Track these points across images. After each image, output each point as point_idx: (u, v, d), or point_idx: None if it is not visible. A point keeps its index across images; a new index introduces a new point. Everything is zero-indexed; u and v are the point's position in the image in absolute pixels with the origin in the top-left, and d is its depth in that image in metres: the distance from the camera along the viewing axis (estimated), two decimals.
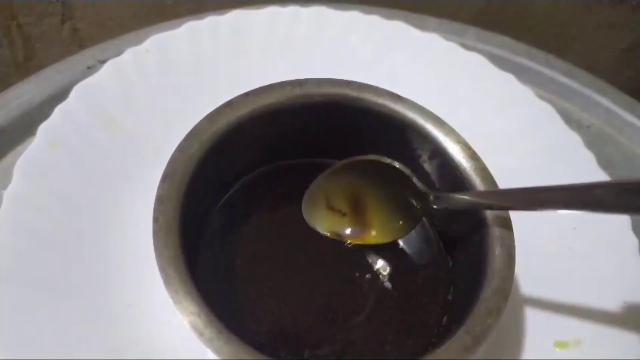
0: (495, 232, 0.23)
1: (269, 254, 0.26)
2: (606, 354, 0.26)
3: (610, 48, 0.61)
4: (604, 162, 0.33)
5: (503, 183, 0.25)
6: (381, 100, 0.27)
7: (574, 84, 0.40)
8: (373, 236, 0.27)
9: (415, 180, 0.26)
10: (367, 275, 0.27)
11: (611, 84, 0.42)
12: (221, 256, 0.26)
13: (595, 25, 0.59)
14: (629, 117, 0.39)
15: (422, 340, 0.25)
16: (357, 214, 0.28)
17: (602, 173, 0.32)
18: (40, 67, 0.37)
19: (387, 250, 0.28)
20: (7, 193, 0.27)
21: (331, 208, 0.28)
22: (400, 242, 0.28)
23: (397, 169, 0.26)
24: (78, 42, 0.52)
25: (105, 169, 0.29)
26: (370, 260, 0.27)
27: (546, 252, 0.29)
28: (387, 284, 0.26)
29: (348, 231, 0.28)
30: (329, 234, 0.27)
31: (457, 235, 0.27)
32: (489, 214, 0.24)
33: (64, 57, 0.37)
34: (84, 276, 0.26)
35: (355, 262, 0.27)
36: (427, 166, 0.27)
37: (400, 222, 0.27)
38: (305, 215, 0.27)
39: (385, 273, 0.27)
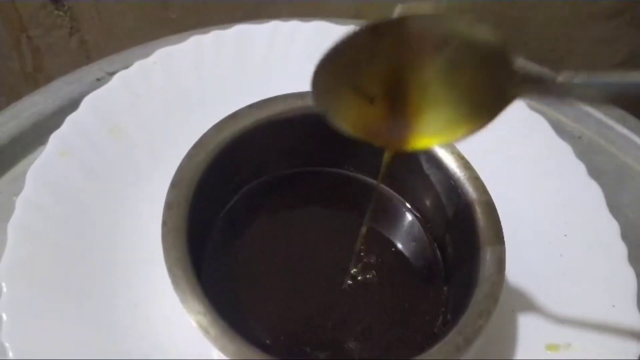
0: (486, 239, 0.25)
1: (271, 259, 0.27)
2: (594, 356, 0.27)
3: (605, 62, 0.63)
4: (595, 172, 0.34)
5: (494, 191, 0.26)
6: None
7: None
8: (426, 133, 0.19)
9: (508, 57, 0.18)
10: (367, 279, 0.28)
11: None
12: (225, 260, 0.27)
13: (590, 40, 0.60)
14: (620, 129, 0.40)
15: (418, 342, 0.26)
16: (397, 103, 0.19)
17: (592, 182, 0.33)
18: (48, 77, 0.38)
19: (385, 255, 0.29)
20: (20, 199, 0.28)
21: (357, 89, 0.19)
22: (397, 248, 0.29)
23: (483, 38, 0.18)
24: (85, 53, 0.53)
25: (112, 176, 0.30)
26: (370, 264, 0.28)
27: (538, 259, 0.30)
28: (386, 288, 0.27)
29: (384, 126, 0.20)
30: (352, 129, 0.20)
31: (451, 243, 0.28)
32: (481, 222, 0.25)
33: (72, 68, 0.38)
34: (92, 279, 0.27)
35: (356, 265, 0.28)
36: (422, 177, 0.28)
37: (468, 110, 0.19)
38: (315, 96, 0.19)
39: (383, 277, 0.28)
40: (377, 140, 0.20)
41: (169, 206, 0.23)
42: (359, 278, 0.28)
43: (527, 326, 0.28)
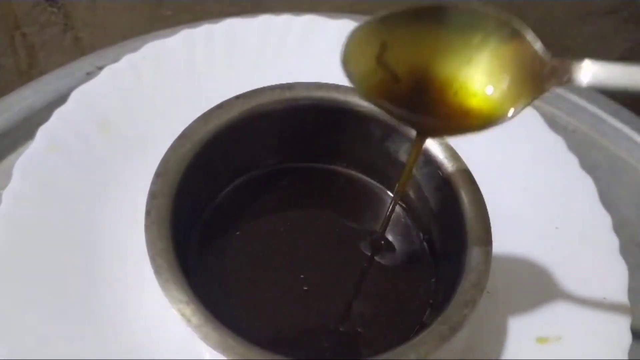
0: (474, 231, 0.24)
1: (258, 253, 0.27)
2: (585, 349, 0.27)
3: (603, 58, 0.62)
4: (589, 166, 0.33)
5: (484, 183, 0.26)
6: (367, 104, 0.28)
7: (560, 90, 0.41)
8: (452, 119, 0.20)
9: (534, 40, 0.19)
10: (357, 273, 0.28)
11: (603, 93, 0.43)
12: (212, 254, 0.27)
13: (588, 36, 0.60)
14: (614, 122, 0.40)
15: (406, 332, 0.25)
16: (419, 83, 0.20)
17: (585, 175, 0.33)
18: (43, 74, 0.38)
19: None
20: (6, 192, 0.28)
21: (383, 63, 0.20)
22: (385, 238, 0.29)
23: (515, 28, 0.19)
24: (80, 50, 0.53)
25: (100, 170, 0.30)
26: (360, 259, 0.28)
27: (529, 251, 0.30)
28: (374, 279, 0.27)
29: (410, 107, 0.19)
30: (372, 98, 0.20)
31: (439, 234, 0.28)
32: (468, 213, 0.25)
33: (65, 64, 0.38)
34: (80, 273, 0.27)
35: (345, 260, 0.28)
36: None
37: (491, 104, 0.20)
38: (343, 57, 0.19)
39: (371, 267, 0.28)
40: (402, 119, 0.20)
41: (153, 196, 0.23)
42: (347, 270, 0.27)
43: (518, 319, 0.28)
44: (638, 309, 0.28)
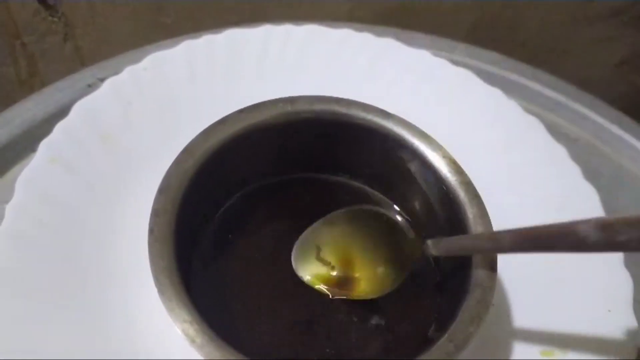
0: None
1: (261, 267, 0.27)
2: None
3: (603, 63, 0.62)
4: (592, 174, 0.33)
5: (487, 194, 0.26)
6: (370, 117, 0.28)
7: (561, 98, 0.41)
8: (358, 292, 0.27)
9: (408, 229, 0.27)
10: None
11: (604, 98, 0.43)
12: (214, 269, 0.27)
13: (588, 40, 0.60)
14: (616, 130, 0.40)
15: (411, 348, 0.25)
16: (346, 267, 0.27)
17: (587, 185, 0.32)
18: (43, 83, 0.38)
19: None
20: (9, 206, 0.27)
21: (321, 259, 0.27)
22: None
23: (391, 219, 0.27)
24: (80, 59, 0.53)
25: (102, 183, 0.30)
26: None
27: (533, 263, 0.30)
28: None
29: (333, 286, 0.27)
30: (315, 287, 0.27)
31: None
32: (472, 228, 0.25)
33: (66, 73, 0.38)
34: (82, 286, 0.27)
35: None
36: (414, 180, 0.28)
37: (389, 276, 0.27)
38: (294, 265, 0.27)
39: None
40: (329, 293, 0.27)
41: (155, 213, 0.23)
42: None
43: (522, 332, 0.28)
44: None
